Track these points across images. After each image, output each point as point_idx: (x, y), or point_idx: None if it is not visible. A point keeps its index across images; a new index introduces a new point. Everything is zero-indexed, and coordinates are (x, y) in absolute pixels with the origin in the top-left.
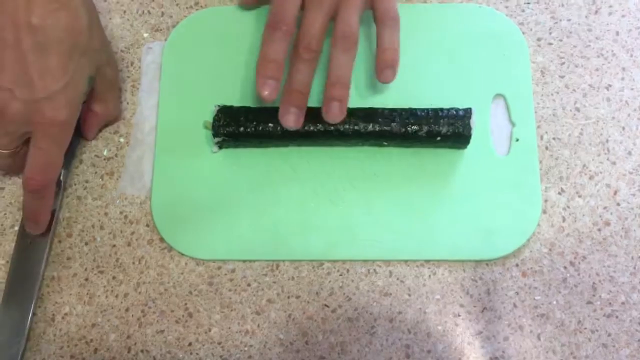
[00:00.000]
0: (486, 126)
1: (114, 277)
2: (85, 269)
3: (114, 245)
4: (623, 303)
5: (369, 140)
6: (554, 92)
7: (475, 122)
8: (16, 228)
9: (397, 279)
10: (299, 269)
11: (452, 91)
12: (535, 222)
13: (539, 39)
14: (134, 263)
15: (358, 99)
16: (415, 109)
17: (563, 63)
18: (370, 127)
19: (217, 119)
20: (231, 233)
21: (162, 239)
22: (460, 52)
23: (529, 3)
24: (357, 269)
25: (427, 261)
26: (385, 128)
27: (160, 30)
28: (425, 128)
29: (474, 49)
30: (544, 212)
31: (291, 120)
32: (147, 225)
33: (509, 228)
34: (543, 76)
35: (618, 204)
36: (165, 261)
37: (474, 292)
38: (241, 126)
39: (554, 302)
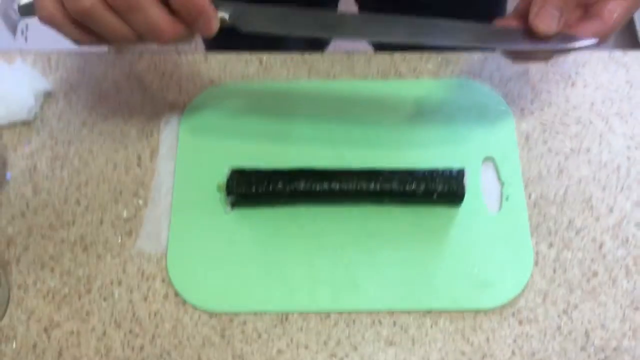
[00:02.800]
0: (477, 186)
1: (130, 331)
2: (103, 323)
3: (131, 300)
4: (615, 349)
5: (370, 199)
6: (539, 155)
7: (467, 181)
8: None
9: (401, 328)
10: (307, 320)
11: (446, 155)
12: (528, 273)
13: (522, 109)
14: (149, 317)
15: (359, 160)
16: (413, 170)
17: (545, 130)
18: (372, 185)
19: (230, 180)
20: (242, 287)
21: (177, 294)
22: (452, 120)
23: (511, 78)
24: (362, 319)
25: (429, 311)
26: (386, 187)
27: (178, 104)
28: (422, 186)
29: (465, 117)
30: (536, 264)
31: None
32: (163, 281)
33: (504, 279)
34: (527, 141)
35: (604, 256)
36: (179, 314)
37: (474, 340)
38: (252, 186)
39: (550, 349)
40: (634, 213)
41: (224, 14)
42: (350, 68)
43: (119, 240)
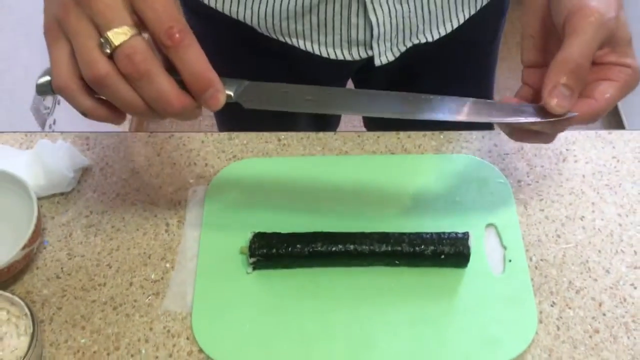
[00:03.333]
0: (481, 250)
1: None
2: None
3: (157, 357)
4: None
5: (383, 260)
6: (537, 222)
7: (472, 244)
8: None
9: None
10: None
11: (451, 223)
12: (534, 330)
13: (519, 181)
14: None
15: (372, 225)
16: (421, 233)
17: (542, 199)
18: (384, 247)
19: (253, 242)
20: (262, 343)
21: (200, 350)
22: (455, 192)
23: (507, 154)
24: None
25: None
26: (397, 248)
27: (204, 177)
28: (430, 248)
29: (466, 189)
30: (540, 321)
31: None
32: (188, 338)
33: (512, 336)
34: (526, 209)
35: (604, 314)
36: None
37: None
38: (273, 248)
39: None
40: (629, 274)
41: (229, 92)
42: (360, 145)
43: (147, 301)
